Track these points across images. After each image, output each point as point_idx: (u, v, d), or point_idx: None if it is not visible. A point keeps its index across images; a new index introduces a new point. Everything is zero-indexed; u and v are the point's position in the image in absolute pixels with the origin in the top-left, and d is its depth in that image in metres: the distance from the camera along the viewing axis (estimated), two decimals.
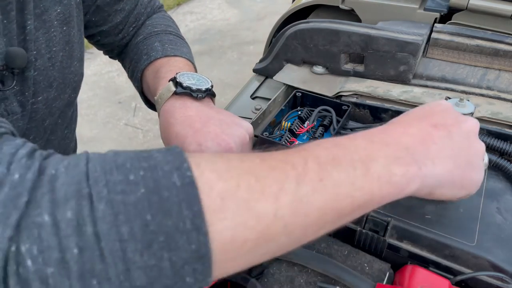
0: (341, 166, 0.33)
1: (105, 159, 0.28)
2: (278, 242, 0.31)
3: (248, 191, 0.29)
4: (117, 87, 2.93)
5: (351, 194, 0.33)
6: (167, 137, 0.52)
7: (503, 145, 0.57)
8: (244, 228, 0.29)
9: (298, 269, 0.46)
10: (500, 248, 0.47)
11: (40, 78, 0.51)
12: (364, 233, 0.51)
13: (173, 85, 0.54)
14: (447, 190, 0.41)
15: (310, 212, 0.31)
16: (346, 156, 0.34)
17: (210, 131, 0.49)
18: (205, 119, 0.51)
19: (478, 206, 0.52)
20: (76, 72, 0.58)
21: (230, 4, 3.99)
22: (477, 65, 0.73)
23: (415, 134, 0.39)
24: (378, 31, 0.69)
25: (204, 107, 0.54)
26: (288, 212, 0.30)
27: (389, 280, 0.46)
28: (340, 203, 0.33)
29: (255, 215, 0.29)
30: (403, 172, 0.35)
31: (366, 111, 0.69)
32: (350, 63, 0.75)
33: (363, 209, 0.35)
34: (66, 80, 0.56)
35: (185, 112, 0.52)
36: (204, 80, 0.57)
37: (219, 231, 0.28)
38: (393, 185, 0.35)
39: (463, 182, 0.41)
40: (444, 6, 0.80)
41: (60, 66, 0.54)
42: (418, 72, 0.72)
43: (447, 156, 0.39)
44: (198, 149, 0.47)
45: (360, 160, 0.34)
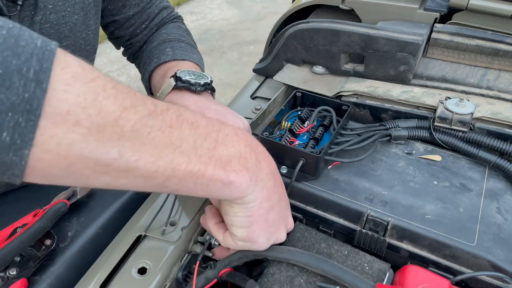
0: (196, 130, 0.36)
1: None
2: (105, 148, 0.30)
3: (101, 88, 0.29)
4: None
5: (189, 156, 0.35)
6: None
7: (503, 145, 0.57)
8: (83, 111, 0.28)
9: (298, 269, 0.46)
10: (500, 248, 0.47)
11: (52, 31, 0.57)
12: (364, 233, 0.51)
13: (173, 80, 0.58)
14: (261, 206, 0.43)
15: (148, 143, 0.32)
16: (206, 128, 0.37)
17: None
18: (202, 109, 0.55)
19: (478, 206, 0.52)
20: (89, 41, 0.64)
21: (230, 4, 3.99)
22: (477, 65, 0.73)
23: (268, 167, 0.43)
24: (378, 31, 0.69)
25: (202, 99, 0.57)
26: (129, 127, 0.30)
27: (389, 280, 0.46)
28: (176, 157, 0.34)
29: (99, 107, 0.29)
30: (237, 169, 0.38)
31: (366, 111, 0.69)
32: (350, 63, 0.75)
33: (189, 185, 0.36)
34: (77, 44, 0.62)
35: (183, 103, 0.56)
36: (203, 76, 0.60)
37: (57, 97, 0.27)
38: (221, 176, 0.37)
39: (266, 230, 0.45)
40: (444, 6, 0.80)
41: (73, 28, 0.60)
42: (418, 72, 0.72)
43: (270, 197, 0.43)
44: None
45: (215, 138, 0.37)
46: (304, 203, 0.55)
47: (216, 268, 0.48)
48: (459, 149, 0.60)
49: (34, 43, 0.27)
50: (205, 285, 0.48)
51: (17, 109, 0.26)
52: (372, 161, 0.59)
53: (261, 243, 0.44)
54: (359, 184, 0.55)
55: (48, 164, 0.29)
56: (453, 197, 0.53)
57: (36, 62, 0.26)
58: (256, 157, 0.41)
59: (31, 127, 0.27)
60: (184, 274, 0.51)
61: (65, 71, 0.28)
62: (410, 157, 0.60)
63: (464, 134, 0.60)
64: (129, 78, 3.03)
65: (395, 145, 0.62)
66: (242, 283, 0.47)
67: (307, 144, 0.57)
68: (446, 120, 0.61)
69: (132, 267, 0.49)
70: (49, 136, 0.27)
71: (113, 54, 3.32)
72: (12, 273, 0.50)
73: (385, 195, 0.53)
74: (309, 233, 0.51)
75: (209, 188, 0.38)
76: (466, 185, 0.55)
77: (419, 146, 0.62)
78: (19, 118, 0.26)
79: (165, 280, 0.50)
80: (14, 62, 0.26)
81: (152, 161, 0.33)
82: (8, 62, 0.26)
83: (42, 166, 0.29)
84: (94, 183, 0.32)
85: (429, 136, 0.62)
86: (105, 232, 0.60)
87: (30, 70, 0.26)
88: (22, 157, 0.27)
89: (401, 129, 0.62)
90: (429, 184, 0.55)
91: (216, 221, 0.47)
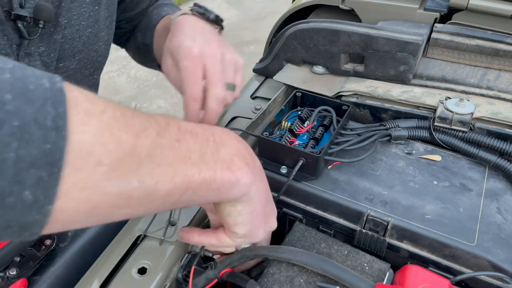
0: (197, 138, 0.36)
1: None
2: (127, 180, 0.29)
3: (113, 119, 0.28)
4: (117, 87, 2.93)
5: (199, 165, 0.35)
6: (170, 36, 0.55)
7: (503, 145, 0.57)
8: (103, 148, 0.27)
9: (298, 269, 0.46)
10: (500, 248, 0.47)
11: (66, 46, 0.56)
12: (364, 233, 0.51)
13: (189, 9, 0.57)
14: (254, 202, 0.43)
15: (163, 163, 0.32)
16: (204, 133, 0.37)
17: (207, 38, 0.53)
18: (209, 30, 0.55)
19: (478, 206, 0.52)
20: (100, 52, 0.64)
21: (230, 4, 3.99)
22: (477, 65, 0.73)
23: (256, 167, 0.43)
24: (378, 31, 0.69)
25: (211, 29, 0.57)
26: (145, 153, 0.30)
27: (389, 280, 0.46)
28: (188, 169, 0.34)
29: (116, 140, 0.28)
30: (240, 166, 0.39)
31: (366, 111, 0.69)
32: (350, 63, 0.75)
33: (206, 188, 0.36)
34: (89, 56, 0.61)
35: (194, 24, 0.55)
36: (213, 11, 0.60)
37: (78, 141, 0.25)
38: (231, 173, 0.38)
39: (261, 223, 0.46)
40: (444, 6, 0.80)
41: (86, 42, 0.59)
42: (418, 72, 0.72)
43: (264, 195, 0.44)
44: (191, 38, 0.52)
45: (214, 141, 0.38)
46: (304, 203, 0.55)
47: (217, 268, 0.48)
48: (459, 149, 0.60)
49: (41, 84, 0.25)
50: (206, 285, 0.48)
51: (39, 164, 0.24)
52: (372, 161, 0.59)
53: (260, 236, 0.45)
54: (359, 184, 0.55)
55: (71, 213, 0.27)
56: (453, 197, 0.53)
57: (51, 107, 0.24)
58: (248, 151, 0.42)
59: (55, 180, 0.25)
60: (184, 274, 0.51)
61: (78, 111, 0.26)
62: (410, 157, 0.60)
63: (464, 134, 0.60)
64: (129, 78, 3.03)
65: (395, 145, 0.62)
66: (243, 283, 0.47)
67: (307, 144, 0.57)
68: (446, 120, 0.61)
69: (132, 267, 0.49)
70: (72, 183, 0.26)
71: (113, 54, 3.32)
72: (12, 273, 0.50)
73: (385, 195, 0.53)
74: (309, 233, 0.51)
75: (220, 191, 0.38)
76: (466, 185, 0.55)
77: (419, 146, 0.62)
78: (42, 172, 0.24)
79: (165, 280, 0.50)
80: (29, 111, 0.23)
81: (169, 179, 0.32)
82: (23, 112, 0.23)
83: (64, 216, 0.27)
84: (115, 218, 0.31)
85: (429, 136, 0.62)
86: (105, 232, 0.60)
87: (47, 118, 0.24)
88: (46, 214, 0.25)
89: (401, 129, 0.62)
90: (429, 184, 0.55)
91: (198, 232, 0.48)
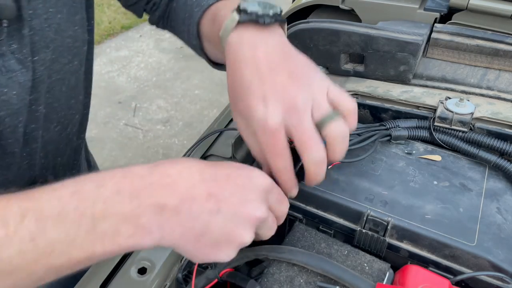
0: (64, 223, 0.32)
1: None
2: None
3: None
4: (117, 87, 2.93)
5: (68, 252, 0.32)
6: (230, 80, 0.46)
7: (503, 145, 0.57)
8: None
9: (298, 269, 0.46)
10: (500, 248, 0.47)
11: (36, 38, 0.49)
12: (364, 233, 0.51)
13: (237, 14, 0.46)
14: (179, 250, 0.38)
15: (16, 271, 0.30)
16: (77, 210, 0.32)
17: (277, 80, 0.42)
18: (275, 62, 0.44)
19: (478, 206, 0.52)
20: (76, 37, 0.56)
21: None
22: (477, 65, 0.73)
23: (179, 190, 0.36)
24: (378, 31, 0.69)
25: (274, 43, 0.46)
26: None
27: (389, 280, 0.46)
28: (54, 260, 0.31)
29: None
30: (130, 233, 0.34)
31: (366, 111, 0.69)
32: (350, 63, 0.75)
33: (84, 264, 0.34)
34: (64, 43, 0.54)
35: (254, 51, 0.44)
36: (271, 6, 0.49)
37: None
38: (117, 245, 0.34)
39: (197, 254, 0.39)
40: (444, 6, 0.80)
41: (58, 29, 0.52)
42: (418, 72, 0.72)
43: (193, 228, 0.36)
44: (262, 103, 0.41)
45: (91, 215, 0.32)
46: (304, 203, 0.55)
47: (217, 268, 0.48)
48: (459, 149, 0.60)
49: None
50: (206, 285, 0.48)
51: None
52: (372, 161, 0.59)
53: (216, 259, 0.39)
54: (359, 184, 0.55)
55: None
56: (453, 197, 0.53)
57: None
58: (151, 201, 0.35)
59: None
60: (184, 274, 0.51)
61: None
62: (410, 157, 0.60)
63: (464, 134, 0.60)
64: (129, 78, 3.03)
65: (395, 145, 0.62)
66: (243, 283, 0.47)
67: None
68: (446, 120, 0.61)
69: (132, 267, 0.49)
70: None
71: (113, 54, 3.32)
72: None
73: (385, 195, 0.53)
74: (309, 233, 0.51)
75: (116, 253, 0.34)
76: (466, 185, 0.55)
77: (419, 146, 0.62)
78: None
79: (165, 280, 0.50)
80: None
81: (28, 283, 0.31)
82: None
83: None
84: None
85: (429, 136, 0.62)
86: None
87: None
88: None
89: (401, 129, 0.62)
90: (429, 184, 0.55)
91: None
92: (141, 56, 3.29)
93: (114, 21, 3.72)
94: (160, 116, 2.67)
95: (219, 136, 0.69)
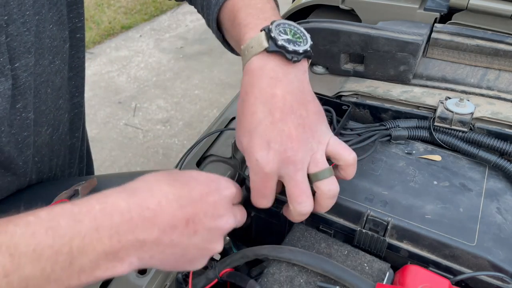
0: (40, 260, 0.31)
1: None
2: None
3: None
4: (117, 87, 2.93)
5: (43, 287, 0.31)
6: (242, 108, 0.45)
7: (503, 145, 0.57)
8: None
9: (298, 269, 0.46)
10: (500, 248, 0.47)
11: (15, 44, 0.48)
12: (364, 233, 0.51)
13: (265, 39, 0.44)
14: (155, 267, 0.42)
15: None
16: (53, 247, 0.31)
17: (285, 129, 0.43)
18: (288, 107, 0.43)
19: (478, 206, 0.52)
20: (53, 36, 0.54)
21: None
22: (477, 65, 0.73)
23: (159, 224, 0.36)
24: (378, 31, 0.69)
25: (295, 82, 0.45)
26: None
27: (389, 280, 0.46)
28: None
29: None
30: (109, 267, 0.34)
31: (366, 111, 0.69)
32: (350, 63, 0.75)
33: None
34: (44, 45, 0.53)
35: (273, 87, 0.44)
36: (302, 37, 0.46)
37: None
38: (94, 277, 0.34)
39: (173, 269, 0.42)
40: (444, 6, 0.80)
41: (36, 31, 0.51)
42: (418, 72, 0.72)
43: (173, 253, 0.38)
44: (265, 147, 0.43)
45: (68, 252, 0.32)
46: None
47: (217, 268, 0.48)
48: (459, 149, 0.60)
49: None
50: (206, 285, 0.48)
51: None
52: (372, 161, 0.59)
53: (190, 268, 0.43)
54: (359, 184, 0.55)
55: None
56: (453, 197, 0.53)
57: None
58: (131, 237, 0.35)
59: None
60: (184, 274, 0.51)
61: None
62: (410, 157, 0.60)
63: (464, 134, 0.60)
64: (129, 78, 3.03)
65: (395, 145, 0.62)
66: (243, 283, 0.47)
67: None
68: (446, 120, 0.61)
69: None
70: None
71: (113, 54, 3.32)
72: None
73: (385, 195, 0.53)
74: (309, 233, 0.51)
75: (90, 283, 0.34)
76: (466, 185, 0.55)
77: (419, 146, 0.62)
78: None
79: (165, 280, 0.50)
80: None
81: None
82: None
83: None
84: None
85: (429, 136, 0.62)
86: None
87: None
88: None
89: (401, 129, 0.62)
90: (429, 184, 0.55)
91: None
92: (141, 56, 3.29)
93: (114, 21, 3.71)
94: (160, 116, 2.67)
95: (219, 136, 0.69)
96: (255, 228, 0.62)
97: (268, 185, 0.44)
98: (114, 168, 2.28)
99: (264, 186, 0.44)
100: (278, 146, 0.42)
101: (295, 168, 0.43)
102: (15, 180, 0.58)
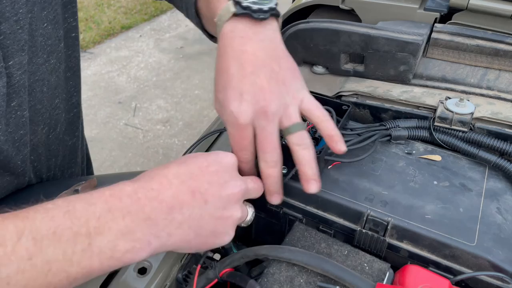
0: (60, 241, 0.32)
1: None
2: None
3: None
4: (117, 87, 2.93)
5: (66, 269, 0.32)
6: (217, 68, 0.48)
7: (503, 145, 0.57)
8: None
9: (298, 269, 0.46)
10: (500, 248, 0.47)
11: (8, 42, 0.49)
12: (364, 233, 0.51)
13: (233, 5, 0.47)
14: (183, 250, 0.42)
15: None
16: (72, 229, 0.33)
17: (257, 81, 0.45)
18: (260, 61, 0.46)
19: (478, 206, 0.52)
20: (47, 35, 0.55)
21: None
22: (477, 65, 0.73)
23: (165, 200, 0.38)
24: (378, 31, 0.69)
25: (265, 39, 0.48)
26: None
27: (389, 280, 0.46)
28: (52, 278, 0.32)
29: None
30: (128, 248, 0.35)
31: (366, 111, 0.69)
32: (350, 63, 0.75)
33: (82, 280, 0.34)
34: (37, 43, 0.54)
35: (243, 44, 0.46)
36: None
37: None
38: (115, 260, 0.35)
39: (202, 247, 0.42)
40: (444, 6, 0.80)
41: (29, 29, 0.51)
42: (418, 72, 0.72)
43: (190, 226, 0.39)
44: (238, 98, 0.44)
45: (86, 233, 0.33)
46: (304, 203, 0.55)
47: (217, 268, 0.48)
48: (459, 149, 0.60)
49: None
50: (206, 285, 0.48)
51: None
52: (372, 161, 0.59)
53: (213, 245, 0.44)
54: (359, 184, 0.55)
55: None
56: (453, 197, 0.53)
57: None
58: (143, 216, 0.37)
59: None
60: (184, 274, 0.51)
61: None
62: (410, 157, 0.60)
63: (464, 134, 0.60)
64: (129, 78, 3.03)
65: (395, 145, 0.62)
66: (243, 283, 0.47)
67: None
68: (446, 120, 0.61)
69: (132, 267, 0.49)
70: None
71: (113, 54, 3.32)
72: None
73: (385, 195, 0.53)
74: (309, 233, 0.51)
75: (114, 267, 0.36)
76: (466, 185, 0.55)
77: (419, 146, 0.62)
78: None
79: (165, 280, 0.50)
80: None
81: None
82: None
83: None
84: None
85: (429, 136, 0.62)
86: None
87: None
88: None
89: (401, 129, 0.62)
90: (429, 184, 0.55)
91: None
92: (141, 56, 3.29)
93: (114, 21, 3.71)
94: (160, 116, 2.67)
95: (219, 136, 0.69)
96: (255, 228, 0.62)
97: (244, 136, 0.45)
98: (114, 168, 2.28)
99: (241, 137, 0.45)
100: (250, 98, 0.44)
101: (266, 120, 0.44)
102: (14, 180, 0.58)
